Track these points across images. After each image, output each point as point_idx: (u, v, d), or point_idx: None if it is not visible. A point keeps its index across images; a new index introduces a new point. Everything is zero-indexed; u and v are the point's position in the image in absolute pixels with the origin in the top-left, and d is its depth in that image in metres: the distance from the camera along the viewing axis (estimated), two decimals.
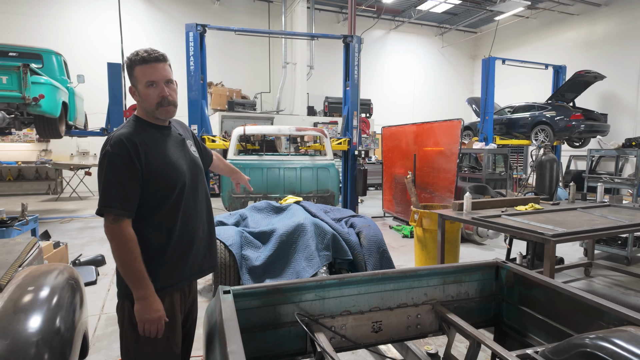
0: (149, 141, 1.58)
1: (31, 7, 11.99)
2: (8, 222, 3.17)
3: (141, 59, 1.54)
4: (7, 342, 1.26)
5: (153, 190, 1.56)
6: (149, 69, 1.55)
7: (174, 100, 1.63)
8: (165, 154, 1.62)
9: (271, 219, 3.78)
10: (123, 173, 1.48)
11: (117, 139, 1.51)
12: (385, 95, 16.63)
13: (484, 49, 17.18)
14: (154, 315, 1.51)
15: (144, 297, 1.50)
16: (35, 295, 1.49)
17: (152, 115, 1.62)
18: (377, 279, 2.00)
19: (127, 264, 1.48)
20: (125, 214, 1.48)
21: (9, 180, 12.13)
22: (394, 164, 7.86)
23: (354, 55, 7.51)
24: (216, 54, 13.55)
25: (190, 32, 6.73)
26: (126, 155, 1.49)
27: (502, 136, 11.30)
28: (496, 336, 2.26)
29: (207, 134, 7.02)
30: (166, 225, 1.60)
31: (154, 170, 1.55)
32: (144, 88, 1.56)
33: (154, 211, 1.58)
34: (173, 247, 1.62)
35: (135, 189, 1.51)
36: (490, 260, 2.25)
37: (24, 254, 1.93)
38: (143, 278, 1.49)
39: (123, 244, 1.47)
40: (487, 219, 3.02)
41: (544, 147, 4.47)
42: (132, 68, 1.56)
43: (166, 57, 1.62)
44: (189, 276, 1.72)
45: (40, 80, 5.58)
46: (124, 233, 1.47)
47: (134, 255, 1.48)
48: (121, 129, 1.57)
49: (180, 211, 1.63)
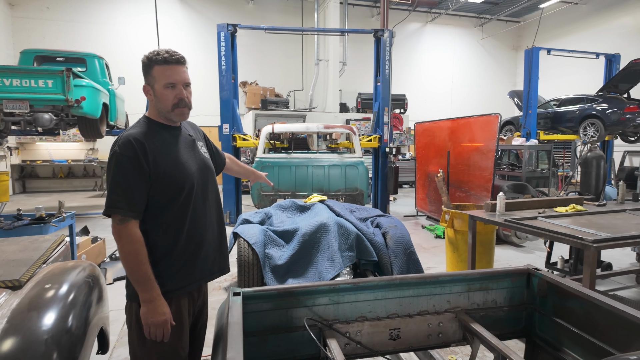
0: (158, 142, 1.56)
1: (79, 14, 12.72)
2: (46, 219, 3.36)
3: (163, 60, 1.54)
4: (18, 339, 1.29)
5: (161, 191, 1.54)
6: (169, 70, 1.55)
7: (190, 103, 1.63)
8: (174, 155, 1.60)
9: (295, 218, 3.75)
10: (130, 174, 1.47)
11: (126, 139, 1.50)
12: (421, 90, 16.20)
13: (527, 39, 16.30)
14: (159, 318, 1.49)
15: (150, 300, 1.48)
16: (50, 293, 1.53)
17: (166, 116, 1.61)
18: (394, 284, 1.90)
19: (133, 265, 1.46)
20: (131, 215, 1.47)
21: (60, 177, 12.99)
22: (428, 161, 7.61)
23: (384, 50, 7.32)
24: (250, 54, 13.77)
25: (221, 33, 6.84)
26: (134, 156, 1.47)
27: (546, 131, 10.65)
28: (528, 348, 2.10)
29: (238, 133, 7.12)
30: (174, 227, 1.58)
31: (162, 171, 1.53)
32: (162, 88, 1.56)
33: (162, 213, 1.56)
34: (181, 250, 1.60)
35: (142, 190, 1.49)
36: (520, 266, 2.08)
37: (49, 252, 2.01)
38: (149, 280, 1.47)
39: (129, 245, 1.45)
40: (522, 222, 2.81)
41: (589, 143, 4.12)
42: (151, 67, 1.55)
43: (186, 60, 1.63)
44: (198, 279, 1.69)
45: (82, 83, 5.88)
46: (130, 234, 1.46)
47: (140, 257, 1.46)
48: (130, 130, 1.56)
49: (188, 213, 1.61)
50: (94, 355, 1.97)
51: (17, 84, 5.47)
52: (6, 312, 1.38)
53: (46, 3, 12.47)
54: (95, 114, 6.21)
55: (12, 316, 1.36)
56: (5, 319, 1.35)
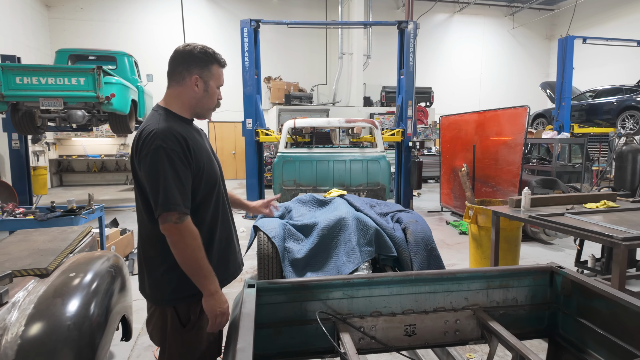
0: (189, 135, 1.52)
1: (110, 13, 13.16)
2: (76, 211, 3.52)
3: (223, 62, 1.60)
4: (44, 323, 1.36)
5: (200, 187, 1.52)
6: (222, 73, 1.62)
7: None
8: (206, 150, 1.60)
9: (314, 212, 3.76)
10: (180, 169, 1.42)
11: (168, 133, 1.43)
12: (448, 82, 15.82)
13: (561, 27, 15.58)
14: (224, 306, 1.52)
15: (215, 291, 1.48)
16: (75, 281, 1.60)
17: (199, 112, 1.60)
18: (410, 280, 1.88)
19: (200, 261, 1.43)
20: (188, 211, 1.43)
21: (94, 171, 13.56)
22: (453, 155, 7.44)
23: (409, 42, 7.18)
24: (275, 49, 13.84)
25: (244, 28, 6.90)
26: (181, 151, 1.43)
27: (581, 124, 10.17)
28: (551, 349, 2.03)
29: (261, 128, 7.19)
30: (211, 223, 1.58)
31: (202, 166, 1.52)
32: (216, 88, 1.59)
33: (200, 208, 1.54)
34: (217, 245, 1.61)
35: (189, 185, 1.47)
36: (543, 264, 2.00)
37: (76, 242, 2.10)
38: (212, 273, 1.47)
39: (192, 241, 1.41)
40: (547, 218, 2.71)
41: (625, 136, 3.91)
42: (212, 63, 1.55)
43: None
44: (232, 272, 1.72)
45: (111, 80, 6.09)
46: (191, 230, 1.42)
47: (203, 252, 1.44)
48: (163, 122, 1.47)
49: (220, 208, 1.63)
50: (118, 342, 2.05)
51: (52, 82, 5.73)
52: (33, 298, 1.46)
53: (80, 4, 12.96)
54: (124, 110, 6.43)
55: (39, 302, 1.43)
56: (32, 304, 1.42)
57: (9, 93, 5.64)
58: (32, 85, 5.69)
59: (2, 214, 3.62)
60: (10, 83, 5.63)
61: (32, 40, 11.65)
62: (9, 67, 5.69)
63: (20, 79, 5.65)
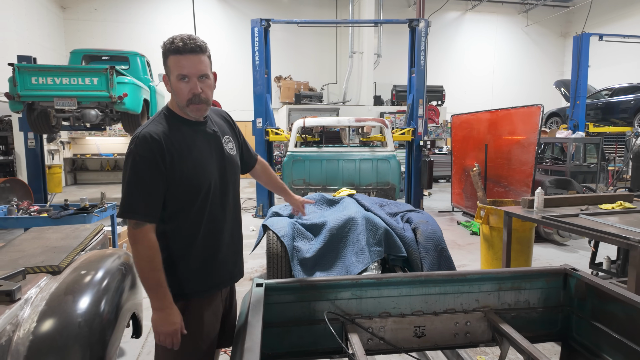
0: (177, 140, 1.44)
1: (123, 14, 13.34)
2: (89, 209, 3.57)
3: (175, 49, 1.38)
4: (55, 320, 1.38)
5: (177, 195, 1.45)
6: (183, 61, 1.39)
7: (207, 98, 1.47)
8: (194, 155, 1.48)
9: (324, 212, 3.75)
10: (147, 176, 1.37)
11: (143, 137, 1.39)
12: (460, 81, 15.66)
13: (576, 25, 15.28)
14: (169, 328, 1.40)
15: (161, 308, 1.40)
16: (86, 279, 1.62)
17: (183, 110, 1.48)
18: (419, 281, 1.86)
19: (147, 271, 1.37)
20: (147, 220, 1.38)
21: (107, 170, 13.77)
22: (465, 154, 7.35)
23: (420, 40, 7.12)
24: (285, 48, 13.86)
25: (255, 28, 6.92)
26: (151, 157, 1.37)
27: (597, 123, 9.97)
28: (564, 352, 1.99)
29: (271, 127, 7.20)
30: (190, 231, 1.50)
31: (179, 174, 1.43)
32: (176, 81, 1.42)
33: (177, 216, 1.48)
34: (197, 253, 1.52)
35: (158, 193, 1.40)
36: (557, 266, 1.96)
37: (88, 240, 2.12)
38: (161, 287, 1.39)
39: (143, 250, 1.37)
40: (561, 219, 2.65)
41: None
42: (167, 56, 1.42)
43: (205, 48, 1.44)
44: (218, 284, 1.61)
45: (124, 80, 6.16)
46: (145, 239, 1.37)
47: (154, 263, 1.37)
48: (150, 125, 1.44)
49: (204, 215, 1.51)
50: (128, 339, 2.08)
51: (66, 82, 5.82)
52: (45, 295, 1.48)
53: (94, 5, 13.17)
54: (136, 109, 6.50)
55: (50, 299, 1.45)
56: (44, 301, 1.44)
57: (25, 93, 5.75)
58: (47, 85, 5.79)
59: (17, 212, 3.70)
60: (26, 83, 5.74)
61: (47, 41, 11.87)
62: (24, 68, 5.80)
63: (36, 79, 5.75)
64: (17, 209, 3.71)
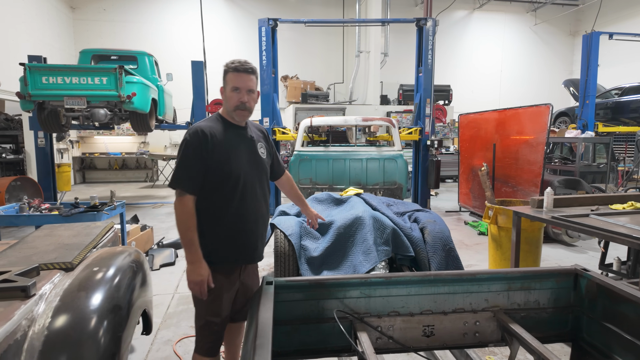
0: (219, 135, 1.85)
1: (131, 14, 13.44)
2: (99, 207, 3.61)
3: (234, 68, 1.85)
4: (70, 316, 1.40)
5: (212, 177, 1.82)
6: (238, 77, 1.84)
7: (250, 107, 1.90)
8: (231, 149, 1.87)
9: (331, 211, 3.75)
10: (192, 158, 1.78)
11: (194, 130, 1.82)
12: (467, 80, 15.56)
13: (586, 23, 15.11)
14: (197, 278, 1.77)
15: (192, 261, 1.78)
16: (98, 276, 1.64)
17: (230, 115, 1.91)
18: (428, 280, 1.85)
19: (182, 231, 1.77)
20: (188, 191, 1.77)
21: (115, 169, 13.89)
22: (472, 154, 7.32)
23: (427, 39, 7.09)
24: (292, 47, 13.87)
25: (262, 27, 6.94)
26: (196, 144, 1.78)
27: (606, 122, 9.86)
28: (574, 353, 1.97)
29: (277, 127, 7.22)
30: (219, 210, 1.85)
31: (215, 160, 1.81)
32: (230, 91, 1.86)
33: (211, 195, 1.84)
34: (221, 231, 1.87)
35: (199, 172, 1.79)
36: (567, 266, 1.95)
37: (99, 237, 2.15)
38: (193, 245, 1.77)
39: (181, 214, 1.77)
40: (571, 219, 2.63)
41: None
42: (226, 73, 1.87)
43: (254, 71, 1.90)
44: (236, 260, 1.94)
45: (132, 79, 6.22)
46: (184, 206, 1.77)
47: (188, 225, 1.76)
48: (202, 122, 1.89)
49: (232, 200, 1.86)
50: (138, 336, 2.10)
51: (76, 81, 5.89)
52: (59, 291, 1.50)
53: (103, 5, 13.28)
54: (145, 109, 6.56)
55: (64, 295, 1.47)
56: (58, 297, 1.46)
57: (36, 92, 5.83)
58: (57, 85, 5.86)
59: (29, 209, 3.74)
60: (36, 83, 5.81)
61: (57, 41, 11.99)
62: (35, 67, 5.87)
63: (46, 79, 5.83)
64: (28, 207, 3.76)
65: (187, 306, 3.39)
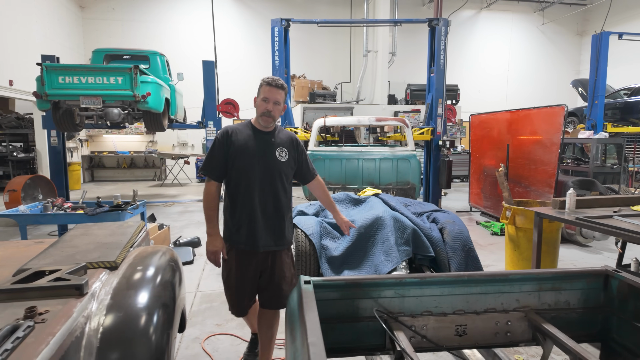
0: (240, 135, 2.24)
1: (140, 13, 13.50)
2: (122, 206, 3.66)
3: (267, 82, 2.21)
4: (122, 314, 1.44)
5: (230, 170, 2.24)
6: (269, 90, 2.19)
7: (274, 116, 2.23)
8: (247, 148, 2.22)
9: (349, 211, 3.78)
10: (217, 151, 2.23)
11: (224, 129, 2.27)
12: (474, 80, 15.54)
13: (594, 23, 15.05)
14: (212, 248, 2.23)
15: (210, 234, 2.23)
16: (143, 274, 1.68)
17: (257, 120, 2.27)
18: (462, 280, 1.88)
19: (205, 209, 2.25)
20: (211, 177, 2.25)
21: (123, 167, 13.97)
22: (484, 154, 7.32)
23: (439, 39, 7.10)
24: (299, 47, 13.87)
25: (275, 27, 6.97)
26: (222, 141, 2.23)
27: (615, 123, 9.83)
28: (603, 354, 2.00)
29: (290, 126, 7.25)
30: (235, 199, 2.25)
31: (233, 156, 2.21)
32: (260, 101, 2.21)
33: (229, 185, 2.27)
34: (236, 215, 2.25)
35: (221, 163, 2.23)
36: (598, 267, 1.97)
37: (134, 236, 2.19)
38: (212, 221, 2.24)
39: (205, 195, 2.25)
40: (595, 220, 2.65)
41: None
42: (261, 86, 2.22)
43: (284, 87, 2.23)
44: (244, 242, 2.24)
45: (147, 79, 6.27)
46: (207, 188, 2.25)
47: (209, 204, 2.24)
48: (234, 124, 2.33)
49: (240, 192, 2.23)
50: None
51: (92, 81, 5.94)
52: (109, 289, 1.54)
53: (112, 4, 13.34)
54: (158, 108, 6.61)
55: (114, 293, 1.51)
56: (109, 295, 1.50)
57: (52, 92, 5.89)
58: (74, 85, 5.91)
59: (52, 208, 3.80)
60: (53, 82, 5.87)
61: (67, 40, 12.07)
62: (52, 67, 5.93)
63: (63, 79, 5.88)
64: (52, 206, 3.81)
65: (210, 304, 3.43)
